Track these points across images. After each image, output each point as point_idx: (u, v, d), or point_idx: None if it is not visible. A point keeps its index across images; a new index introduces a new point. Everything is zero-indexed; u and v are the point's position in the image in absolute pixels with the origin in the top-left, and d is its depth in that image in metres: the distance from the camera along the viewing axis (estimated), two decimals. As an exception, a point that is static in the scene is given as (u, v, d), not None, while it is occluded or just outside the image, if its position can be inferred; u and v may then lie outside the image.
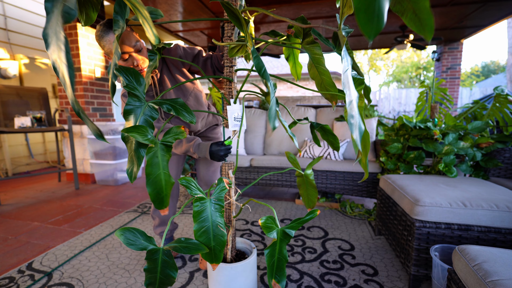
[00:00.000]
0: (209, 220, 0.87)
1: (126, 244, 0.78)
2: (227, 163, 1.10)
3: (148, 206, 2.41)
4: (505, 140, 1.80)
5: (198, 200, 0.88)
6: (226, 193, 1.10)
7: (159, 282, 0.82)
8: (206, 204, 0.89)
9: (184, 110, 0.82)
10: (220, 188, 0.93)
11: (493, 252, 0.82)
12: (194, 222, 0.86)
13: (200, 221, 0.87)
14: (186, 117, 0.82)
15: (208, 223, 0.87)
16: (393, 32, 4.85)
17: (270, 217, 0.92)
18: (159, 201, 0.82)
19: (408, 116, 2.05)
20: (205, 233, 0.86)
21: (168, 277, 0.83)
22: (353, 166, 2.23)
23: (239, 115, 1.03)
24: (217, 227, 0.88)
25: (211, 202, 0.90)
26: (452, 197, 1.25)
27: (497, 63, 20.69)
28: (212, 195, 0.92)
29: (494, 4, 3.62)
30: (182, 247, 0.83)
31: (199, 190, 0.90)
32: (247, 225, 1.99)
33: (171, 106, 0.82)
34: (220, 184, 0.94)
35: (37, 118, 2.91)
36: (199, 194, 0.89)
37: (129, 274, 1.41)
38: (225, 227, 0.90)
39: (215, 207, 0.90)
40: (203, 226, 0.87)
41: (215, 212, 0.89)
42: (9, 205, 2.50)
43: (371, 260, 1.52)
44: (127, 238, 0.79)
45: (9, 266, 1.50)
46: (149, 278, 0.82)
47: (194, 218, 0.87)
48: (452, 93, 5.72)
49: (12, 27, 3.67)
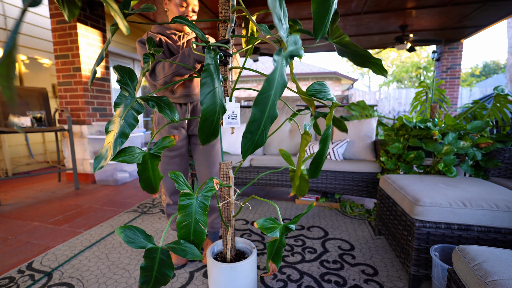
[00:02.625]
0: (192, 215, 0.91)
1: (126, 242, 0.80)
2: (225, 162, 1.10)
3: (148, 206, 2.41)
4: (505, 140, 1.80)
5: (184, 195, 0.91)
6: (225, 192, 1.10)
7: (155, 280, 0.84)
8: (192, 200, 0.92)
9: (167, 108, 0.88)
10: (208, 188, 0.95)
11: (493, 252, 0.82)
12: (179, 214, 0.90)
13: (184, 214, 0.91)
14: (168, 115, 0.88)
15: (191, 218, 0.91)
16: (393, 32, 4.85)
17: (269, 218, 0.96)
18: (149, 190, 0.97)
19: (408, 116, 2.05)
20: (186, 227, 0.91)
21: (164, 276, 0.84)
22: (353, 166, 2.24)
23: (234, 113, 1.03)
24: (198, 224, 0.92)
25: (197, 200, 0.93)
26: (452, 197, 1.25)
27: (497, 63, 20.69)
28: (200, 193, 0.95)
29: (494, 4, 3.62)
30: (180, 249, 0.85)
31: (187, 186, 0.93)
32: (247, 225, 1.99)
33: (155, 103, 0.88)
34: (209, 183, 0.95)
35: (37, 118, 2.91)
36: (186, 190, 0.92)
37: (129, 274, 1.41)
38: (206, 225, 0.93)
39: (199, 205, 0.93)
40: (185, 220, 0.91)
41: (199, 209, 0.92)
42: (9, 205, 2.50)
43: (371, 260, 1.52)
44: (127, 236, 0.81)
45: (9, 266, 1.50)
46: (144, 276, 0.83)
47: (179, 211, 0.90)
48: (452, 93, 5.72)
49: (12, 27, 3.67)
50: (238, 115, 1.03)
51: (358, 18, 4.10)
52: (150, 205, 2.45)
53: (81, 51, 3.10)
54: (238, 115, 1.03)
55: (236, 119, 1.04)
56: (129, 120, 0.82)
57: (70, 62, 3.15)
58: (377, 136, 2.50)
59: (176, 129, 1.49)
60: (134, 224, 2.02)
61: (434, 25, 4.49)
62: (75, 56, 3.10)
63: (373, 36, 5.14)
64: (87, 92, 3.18)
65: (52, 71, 4.19)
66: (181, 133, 1.50)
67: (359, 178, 2.24)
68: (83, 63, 3.12)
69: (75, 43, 3.08)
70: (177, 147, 1.51)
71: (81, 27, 3.09)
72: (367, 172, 2.21)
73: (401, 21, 4.31)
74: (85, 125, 3.23)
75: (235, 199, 1.19)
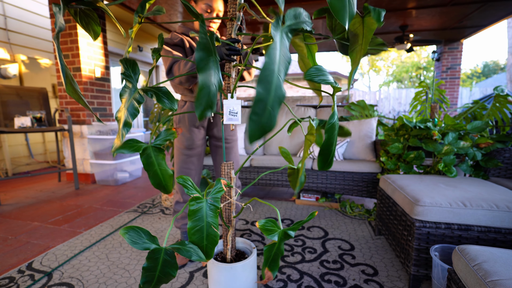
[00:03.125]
0: (204, 219, 0.90)
1: (130, 243, 0.79)
2: (226, 163, 1.10)
3: (148, 206, 2.41)
4: (505, 140, 1.80)
5: (194, 200, 0.90)
6: (226, 192, 1.10)
7: (157, 280, 0.84)
8: (202, 204, 0.91)
9: (165, 97, 0.90)
10: (217, 190, 0.94)
11: (493, 252, 0.82)
12: (189, 220, 0.88)
13: (195, 220, 0.89)
14: (166, 103, 0.89)
15: (202, 222, 0.89)
16: (393, 32, 4.86)
17: (270, 219, 0.94)
18: (161, 189, 0.95)
19: (408, 116, 2.05)
20: (199, 232, 0.89)
21: (167, 275, 0.84)
22: (353, 166, 2.23)
23: (235, 110, 1.03)
24: (211, 227, 0.90)
25: (207, 203, 0.92)
26: (452, 197, 1.25)
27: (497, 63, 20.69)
28: (208, 196, 0.93)
29: (494, 4, 3.62)
30: (185, 250, 0.85)
31: (196, 190, 0.92)
32: (247, 225, 1.99)
33: (154, 93, 0.89)
34: (218, 185, 0.95)
35: (37, 118, 2.91)
36: (195, 194, 0.90)
37: (129, 274, 1.41)
38: (218, 227, 0.91)
39: (210, 207, 0.91)
40: (197, 225, 0.89)
41: (210, 212, 0.91)
42: (9, 205, 2.50)
43: (371, 260, 1.52)
44: (131, 236, 0.80)
45: (9, 266, 1.50)
46: (146, 277, 0.83)
47: (189, 217, 0.88)
48: (452, 93, 5.72)
49: (12, 27, 3.67)
50: (239, 112, 1.03)
51: (358, 18, 4.10)
52: (150, 205, 2.45)
53: (81, 51, 3.10)
54: (239, 112, 1.03)
55: (237, 115, 1.04)
56: (131, 110, 0.85)
57: (70, 62, 3.15)
58: (377, 136, 2.50)
59: (196, 128, 1.51)
60: (134, 224, 2.03)
61: (434, 25, 4.49)
62: (75, 56, 3.10)
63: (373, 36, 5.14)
64: (87, 92, 3.18)
65: (52, 71, 4.19)
66: (200, 132, 1.53)
67: (359, 178, 2.24)
68: (83, 63, 3.12)
69: (75, 43, 3.08)
70: (196, 145, 1.53)
71: (82, 27, 3.09)
72: (367, 172, 2.21)
73: (401, 21, 4.31)
74: (85, 125, 3.23)
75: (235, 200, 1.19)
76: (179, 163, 1.54)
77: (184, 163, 1.53)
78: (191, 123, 1.48)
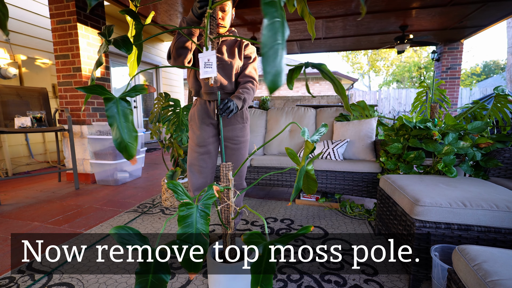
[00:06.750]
0: (193, 226, 0.85)
1: (119, 243, 0.76)
2: (225, 164, 1.10)
3: (148, 206, 2.41)
4: (505, 140, 1.80)
5: (184, 205, 0.85)
6: (225, 194, 1.10)
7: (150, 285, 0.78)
8: (192, 210, 0.87)
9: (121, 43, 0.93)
10: (208, 196, 0.91)
11: (493, 252, 0.82)
12: (179, 226, 0.84)
13: (184, 226, 0.84)
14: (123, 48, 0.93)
15: (192, 229, 0.85)
16: (393, 32, 4.85)
17: (257, 232, 0.84)
18: (123, 151, 0.77)
19: (408, 116, 2.05)
20: (188, 239, 0.84)
21: (161, 281, 0.78)
22: (353, 166, 2.24)
23: (210, 61, 1.02)
24: (200, 235, 0.85)
25: (198, 209, 0.88)
26: (452, 197, 1.25)
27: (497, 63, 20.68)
28: (199, 202, 0.90)
29: (494, 4, 3.62)
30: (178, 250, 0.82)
31: (186, 196, 0.88)
32: (247, 225, 1.99)
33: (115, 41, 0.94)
34: (209, 191, 0.93)
35: (37, 118, 2.91)
36: (186, 199, 0.87)
37: (129, 274, 1.41)
38: (208, 235, 0.87)
39: (200, 214, 0.87)
40: (187, 231, 0.84)
41: (200, 219, 0.87)
42: (9, 205, 2.50)
43: (371, 260, 1.52)
44: (121, 236, 0.77)
45: (9, 266, 1.50)
46: (140, 282, 0.78)
47: (178, 222, 0.84)
48: (452, 93, 5.72)
49: (12, 27, 3.67)
50: (214, 62, 1.02)
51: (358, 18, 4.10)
52: (150, 205, 2.45)
53: (81, 51, 3.10)
54: (214, 62, 1.02)
55: (212, 67, 1.03)
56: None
57: (70, 62, 3.15)
58: (377, 136, 2.50)
59: (207, 125, 1.55)
60: (134, 225, 2.03)
61: (434, 25, 4.49)
62: (75, 56, 3.11)
63: (373, 36, 5.14)
64: (87, 92, 3.18)
65: (52, 71, 4.19)
66: (210, 130, 1.56)
67: (359, 178, 2.24)
68: (83, 63, 3.12)
69: (75, 43, 3.08)
70: (206, 143, 1.56)
71: (81, 27, 3.09)
72: (367, 172, 2.21)
73: (401, 21, 4.31)
74: (85, 125, 3.23)
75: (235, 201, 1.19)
76: (191, 159, 1.59)
77: (195, 160, 1.58)
78: (201, 121, 1.54)
